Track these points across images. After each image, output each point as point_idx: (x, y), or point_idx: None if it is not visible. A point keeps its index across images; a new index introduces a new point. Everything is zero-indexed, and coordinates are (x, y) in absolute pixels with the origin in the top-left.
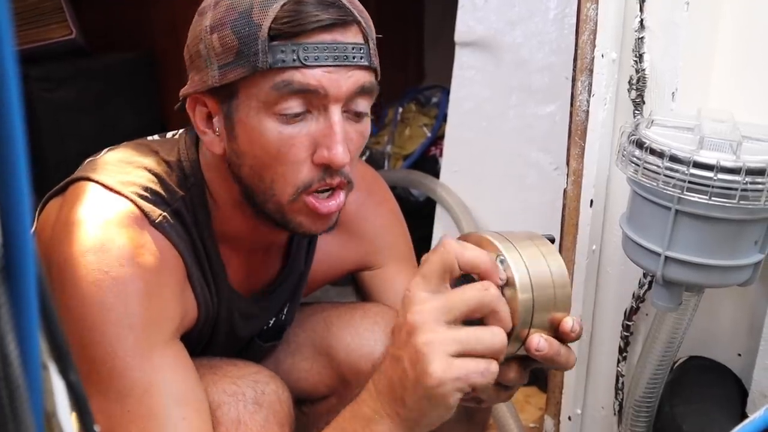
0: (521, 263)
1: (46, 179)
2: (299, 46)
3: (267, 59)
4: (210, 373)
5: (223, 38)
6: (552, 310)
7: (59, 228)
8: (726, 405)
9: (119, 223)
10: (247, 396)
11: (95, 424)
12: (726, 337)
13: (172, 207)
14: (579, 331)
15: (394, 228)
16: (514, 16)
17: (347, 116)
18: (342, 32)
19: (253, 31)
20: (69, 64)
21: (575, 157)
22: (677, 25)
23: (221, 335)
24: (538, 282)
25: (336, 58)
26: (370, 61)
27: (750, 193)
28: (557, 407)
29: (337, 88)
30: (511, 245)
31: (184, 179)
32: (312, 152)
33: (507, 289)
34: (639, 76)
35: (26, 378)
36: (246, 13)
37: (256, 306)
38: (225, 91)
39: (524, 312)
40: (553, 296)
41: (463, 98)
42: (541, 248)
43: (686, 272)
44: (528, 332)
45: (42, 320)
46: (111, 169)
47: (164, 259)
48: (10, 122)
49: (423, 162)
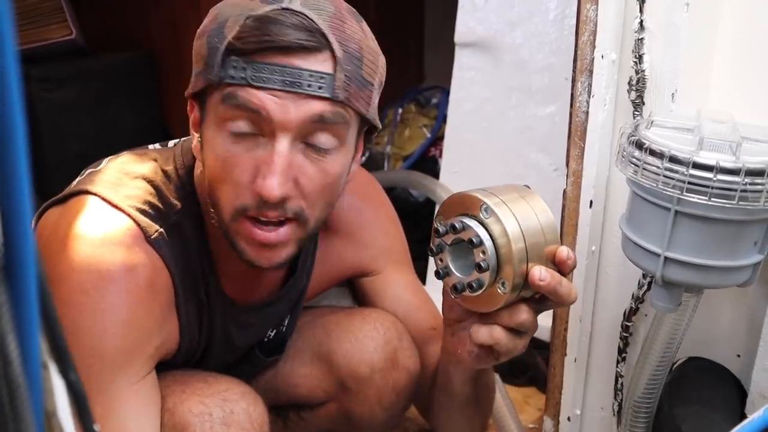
0: (507, 210)
1: (46, 179)
2: (250, 64)
3: (219, 73)
4: (179, 391)
5: (201, 46)
6: (544, 247)
7: (56, 240)
8: (725, 406)
9: (114, 242)
10: (215, 416)
11: (95, 423)
12: (725, 338)
13: (169, 221)
14: (574, 259)
15: (390, 232)
16: (514, 17)
17: (304, 149)
18: (304, 57)
19: (218, 44)
20: (69, 65)
21: (575, 157)
22: (677, 26)
23: (217, 345)
24: (526, 224)
25: (285, 83)
26: (333, 93)
27: (749, 194)
28: (556, 408)
29: (283, 114)
30: (494, 196)
31: (181, 188)
32: (254, 177)
33: (500, 234)
34: (639, 77)
35: (26, 377)
36: (221, 25)
37: (254, 316)
38: (200, 99)
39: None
40: (542, 233)
41: (462, 99)
42: (526, 199)
43: (685, 273)
44: (527, 268)
45: (42, 319)
46: (111, 181)
47: (153, 281)
48: (11, 122)
49: (423, 163)
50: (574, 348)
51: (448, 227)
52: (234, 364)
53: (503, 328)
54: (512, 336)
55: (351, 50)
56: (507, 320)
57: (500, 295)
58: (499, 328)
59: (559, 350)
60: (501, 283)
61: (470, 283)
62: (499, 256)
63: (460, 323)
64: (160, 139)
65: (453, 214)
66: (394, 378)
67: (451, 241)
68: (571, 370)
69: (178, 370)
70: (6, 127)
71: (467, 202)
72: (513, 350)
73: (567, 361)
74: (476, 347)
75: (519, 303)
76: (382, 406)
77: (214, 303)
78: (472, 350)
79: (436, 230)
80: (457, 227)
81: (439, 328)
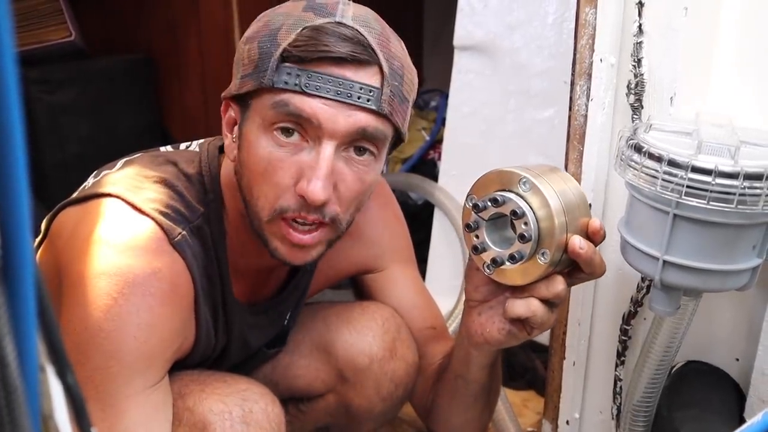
0: (546, 183)
1: (45, 181)
2: (304, 72)
3: (273, 78)
4: (198, 390)
5: (251, 50)
6: (579, 218)
7: (79, 243)
8: (724, 410)
9: (138, 246)
10: (234, 415)
11: (92, 426)
12: (724, 341)
13: (192, 224)
14: (604, 229)
15: (396, 231)
16: (513, 21)
17: (346, 157)
18: (355, 70)
19: (272, 49)
20: (68, 67)
21: (573, 161)
22: (676, 30)
23: (234, 346)
24: (563, 196)
25: (338, 93)
26: (379, 106)
27: (748, 198)
28: (555, 411)
29: (332, 123)
30: (530, 170)
31: (204, 194)
32: (296, 180)
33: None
34: (637, 81)
35: (23, 380)
36: (274, 32)
37: (264, 316)
38: (242, 100)
39: (560, 222)
40: (577, 205)
41: (461, 102)
42: (556, 172)
43: (684, 277)
44: (567, 238)
45: (40, 322)
46: (132, 184)
47: (176, 285)
48: (10, 124)
49: (421, 165)
50: (573, 351)
51: (488, 201)
52: (244, 360)
53: (539, 300)
54: (547, 308)
55: (395, 67)
56: (544, 292)
57: (540, 265)
58: (536, 300)
59: (557, 354)
60: (542, 254)
61: (512, 255)
62: (540, 228)
63: (487, 302)
64: (160, 142)
65: (489, 190)
66: (392, 368)
67: (489, 216)
68: (570, 374)
69: (195, 370)
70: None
71: (504, 177)
72: (546, 322)
73: (566, 364)
74: (508, 324)
75: (554, 275)
76: (380, 396)
77: (231, 306)
78: (503, 327)
79: (474, 206)
80: (498, 200)
81: (439, 328)
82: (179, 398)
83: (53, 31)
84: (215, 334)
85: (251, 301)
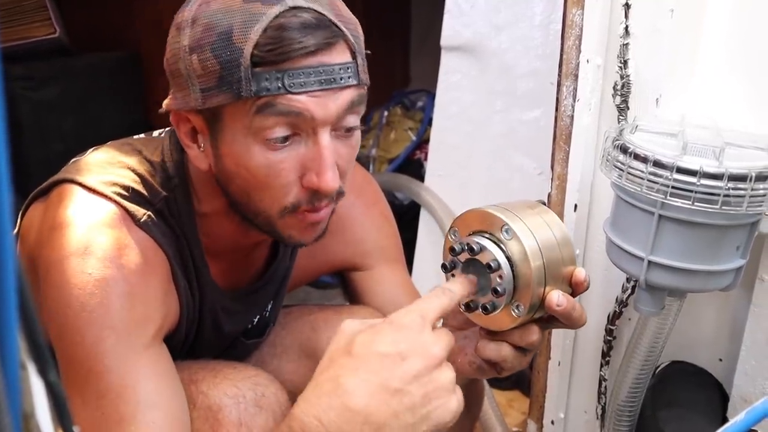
0: (528, 232)
1: (28, 179)
2: (284, 73)
3: (251, 87)
4: (211, 376)
5: (204, 61)
6: (561, 268)
7: (44, 232)
8: (707, 409)
9: (103, 224)
10: (248, 398)
11: (74, 425)
12: (708, 342)
13: (155, 207)
14: (588, 281)
15: (384, 230)
16: (500, 21)
17: (336, 134)
18: (328, 53)
19: (234, 56)
20: (52, 63)
21: (560, 161)
22: (661, 31)
23: (207, 331)
24: (545, 246)
25: (323, 82)
26: (358, 78)
27: (732, 199)
28: (540, 411)
29: (324, 111)
30: (514, 216)
31: (167, 180)
32: (301, 175)
33: (520, 258)
34: (623, 82)
35: (4, 378)
36: (225, 36)
37: (240, 303)
38: (208, 113)
39: (538, 276)
40: (560, 256)
41: (448, 102)
42: (541, 215)
43: (669, 277)
44: (544, 292)
45: (20, 319)
46: (94, 169)
47: (149, 258)
48: None
49: (408, 165)
50: (558, 352)
51: (465, 247)
52: (221, 351)
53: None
54: (519, 354)
55: (353, 31)
56: (518, 340)
57: (513, 317)
58: (508, 346)
59: (543, 354)
60: (516, 306)
61: (484, 305)
62: (517, 280)
63: (462, 331)
64: None
65: (469, 230)
66: None
67: (465, 260)
68: (555, 374)
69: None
70: None
71: (487, 220)
72: (518, 367)
73: (551, 364)
74: (479, 359)
75: (530, 323)
76: None
77: (204, 288)
78: (474, 361)
79: (451, 248)
80: (474, 249)
81: None
82: (191, 383)
83: (37, 27)
84: (191, 311)
85: (229, 286)
